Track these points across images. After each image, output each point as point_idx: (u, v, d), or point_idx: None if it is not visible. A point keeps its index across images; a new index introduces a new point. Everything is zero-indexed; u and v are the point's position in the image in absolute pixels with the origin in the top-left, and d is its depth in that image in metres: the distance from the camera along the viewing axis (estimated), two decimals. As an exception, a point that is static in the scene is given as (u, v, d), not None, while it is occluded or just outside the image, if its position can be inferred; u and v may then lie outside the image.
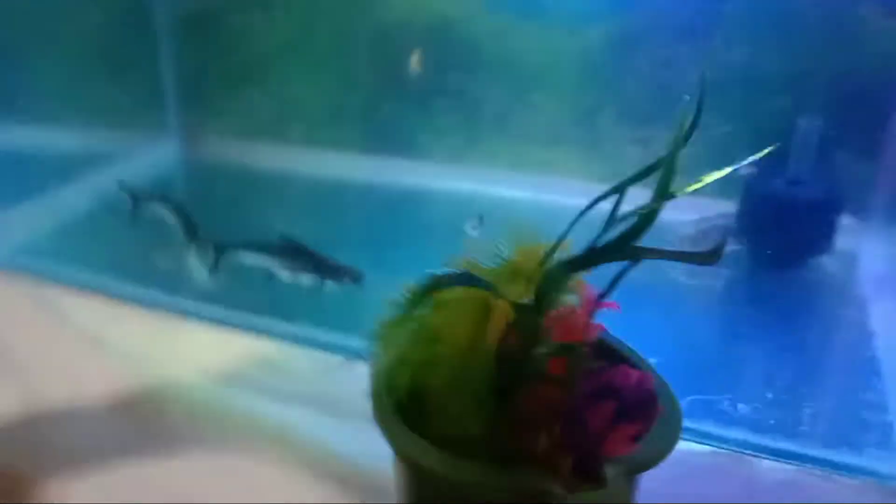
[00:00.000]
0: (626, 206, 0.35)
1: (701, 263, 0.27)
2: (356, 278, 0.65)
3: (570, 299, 0.36)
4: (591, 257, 0.30)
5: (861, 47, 0.72)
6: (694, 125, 0.33)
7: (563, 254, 0.35)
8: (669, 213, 0.81)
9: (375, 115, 0.94)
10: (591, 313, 0.37)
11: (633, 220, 0.29)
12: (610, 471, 0.32)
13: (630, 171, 0.90)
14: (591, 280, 0.36)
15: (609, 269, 0.35)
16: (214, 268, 0.68)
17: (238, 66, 0.95)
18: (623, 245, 0.29)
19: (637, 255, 0.29)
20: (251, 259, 0.67)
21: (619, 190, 0.31)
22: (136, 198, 0.75)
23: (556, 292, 0.33)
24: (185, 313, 0.68)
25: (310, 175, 0.96)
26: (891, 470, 0.51)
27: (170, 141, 0.97)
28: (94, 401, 0.58)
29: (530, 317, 0.32)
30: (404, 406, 0.37)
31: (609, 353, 0.40)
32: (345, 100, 0.95)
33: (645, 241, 0.35)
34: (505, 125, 0.88)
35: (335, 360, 0.62)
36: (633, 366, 0.39)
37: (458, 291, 0.36)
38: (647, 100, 0.83)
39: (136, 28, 0.93)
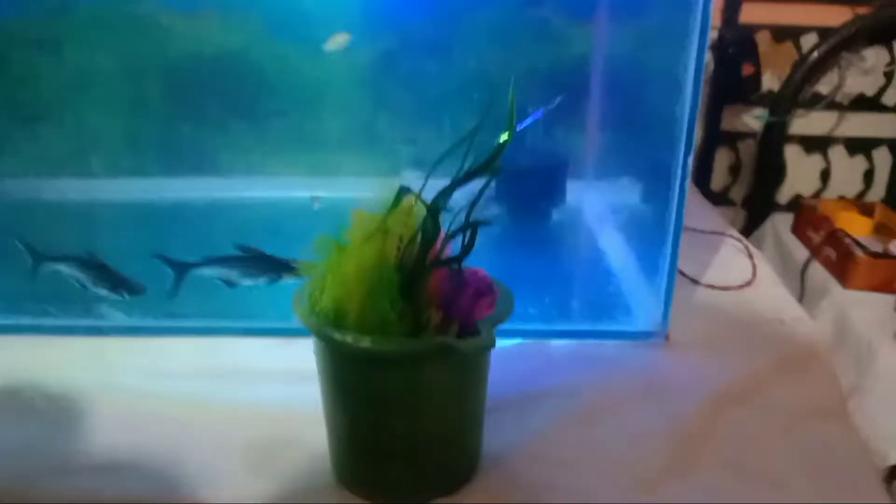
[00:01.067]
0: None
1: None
2: (292, 269, 0.73)
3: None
4: (469, 176, 0.48)
5: (558, 48, 0.98)
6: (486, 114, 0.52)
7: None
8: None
9: (174, 140, 1.03)
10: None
11: (494, 149, 0.47)
12: (483, 326, 0.50)
13: (403, 166, 1.10)
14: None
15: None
16: (175, 289, 0.72)
17: (29, 106, 0.98)
18: (489, 165, 0.47)
19: (497, 172, 0.47)
20: (212, 273, 0.73)
21: (467, 142, 0.49)
22: (36, 255, 0.77)
23: (440, 212, 0.50)
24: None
25: (117, 202, 1.02)
26: (635, 328, 0.75)
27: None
28: None
29: (430, 226, 0.49)
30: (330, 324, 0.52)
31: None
32: (142, 129, 1.03)
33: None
34: (297, 137, 1.03)
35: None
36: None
37: (355, 233, 0.51)
38: (411, 105, 1.02)
39: None
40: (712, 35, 1.38)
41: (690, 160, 0.66)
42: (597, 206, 1.03)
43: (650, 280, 0.77)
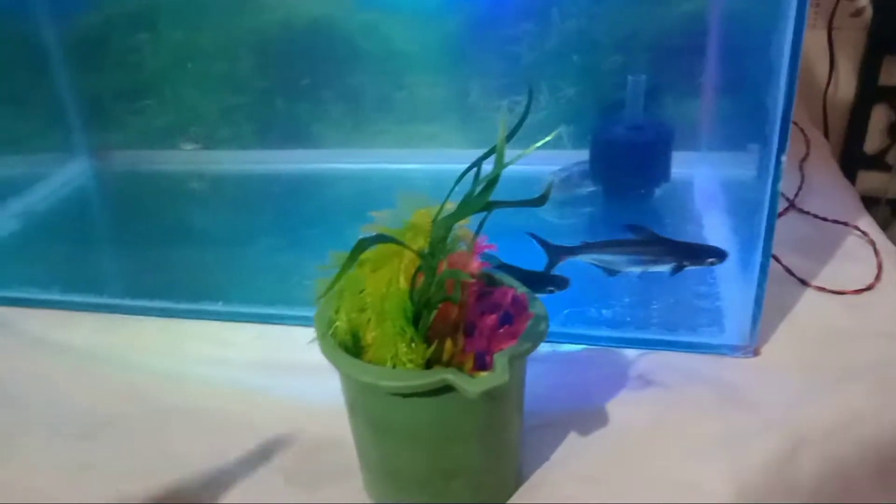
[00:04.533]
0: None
1: (533, 206, 0.40)
2: (721, 255, 0.65)
3: (460, 245, 0.49)
4: (461, 211, 0.43)
5: (667, 7, 0.88)
6: (526, 114, 0.45)
7: (447, 212, 0.47)
8: (538, 166, 0.94)
9: (268, 112, 1.03)
10: (475, 253, 0.50)
11: (484, 184, 0.42)
12: (498, 360, 0.46)
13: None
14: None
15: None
16: (548, 272, 0.66)
17: (133, 81, 1.02)
18: (480, 201, 0.42)
19: (490, 207, 0.42)
20: (591, 258, 0.66)
21: (478, 163, 0.44)
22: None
23: (445, 241, 0.45)
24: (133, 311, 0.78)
25: (215, 173, 1.04)
26: (719, 340, 0.67)
27: (80, 159, 1.04)
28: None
29: (430, 260, 0.44)
30: (346, 345, 0.49)
31: (494, 282, 0.54)
32: (237, 101, 1.04)
33: (516, 191, 0.48)
34: (388, 108, 1.00)
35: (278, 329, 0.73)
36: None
37: (375, 251, 0.48)
38: (505, 72, 0.96)
39: (29, 58, 0.99)
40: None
41: (784, 159, 0.57)
42: (707, 183, 0.93)
43: (742, 281, 0.68)
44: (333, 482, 0.56)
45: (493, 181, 0.41)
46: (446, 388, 0.45)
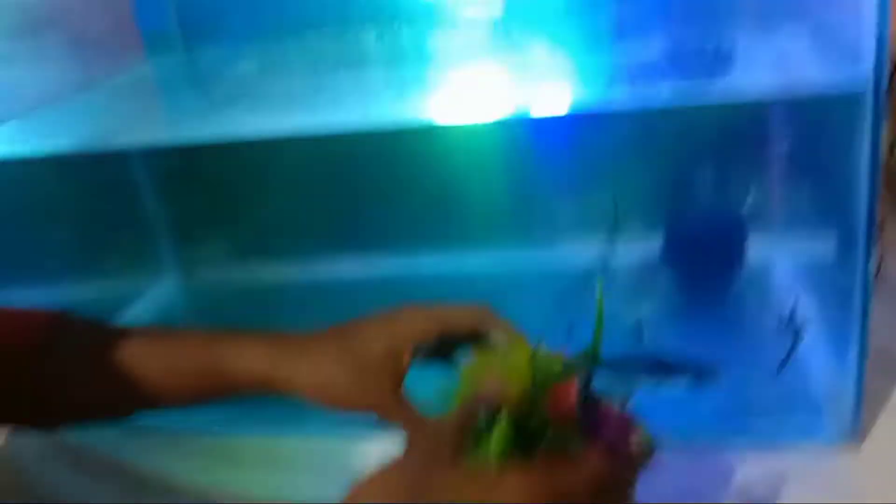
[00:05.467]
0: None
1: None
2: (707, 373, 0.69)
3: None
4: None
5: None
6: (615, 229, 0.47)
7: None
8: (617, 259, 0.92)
9: (349, 219, 1.08)
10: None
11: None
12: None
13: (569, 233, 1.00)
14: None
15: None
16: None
17: (220, 202, 1.08)
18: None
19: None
20: None
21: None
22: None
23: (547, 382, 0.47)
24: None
25: (304, 282, 1.09)
26: (815, 430, 0.66)
27: (170, 277, 1.11)
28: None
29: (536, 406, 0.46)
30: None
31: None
32: (320, 211, 1.09)
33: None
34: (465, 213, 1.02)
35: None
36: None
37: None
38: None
39: (122, 191, 1.07)
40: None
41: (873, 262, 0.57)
42: (786, 267, 0.92)
43: (838, 365, 0.67)
44: None
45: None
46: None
